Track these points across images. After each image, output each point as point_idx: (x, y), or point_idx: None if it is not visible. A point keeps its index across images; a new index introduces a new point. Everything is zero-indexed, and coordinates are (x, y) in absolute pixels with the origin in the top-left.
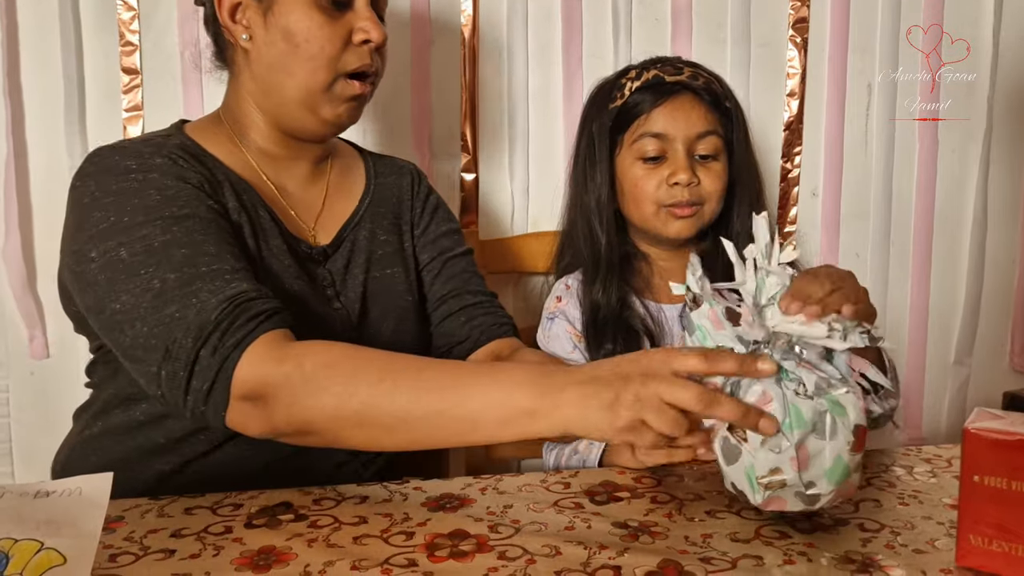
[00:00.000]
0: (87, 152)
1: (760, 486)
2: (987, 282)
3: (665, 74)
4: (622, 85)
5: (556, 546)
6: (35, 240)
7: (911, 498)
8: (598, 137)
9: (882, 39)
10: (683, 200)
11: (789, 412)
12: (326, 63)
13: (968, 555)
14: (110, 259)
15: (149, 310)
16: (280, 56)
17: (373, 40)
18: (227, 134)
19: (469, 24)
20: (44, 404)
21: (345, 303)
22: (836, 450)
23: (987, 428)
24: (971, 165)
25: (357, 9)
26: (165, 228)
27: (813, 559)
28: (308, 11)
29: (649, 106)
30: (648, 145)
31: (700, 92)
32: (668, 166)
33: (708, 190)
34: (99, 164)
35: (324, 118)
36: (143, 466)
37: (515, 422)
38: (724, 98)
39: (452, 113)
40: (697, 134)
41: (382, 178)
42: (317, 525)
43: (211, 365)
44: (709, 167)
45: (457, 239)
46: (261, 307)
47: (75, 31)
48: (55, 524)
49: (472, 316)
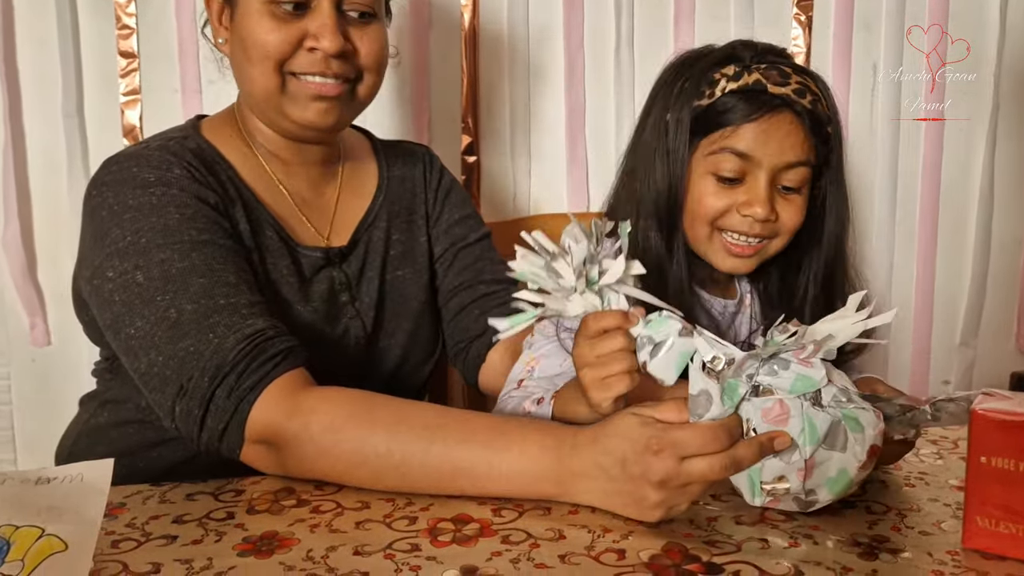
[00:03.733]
0: (85, 138)
1: (763, 491)
2: (993, 263)
3: (769, 81)
4: (714, 81)
5: (560, 530)
6: (35, 227)
7: (917, 480)
8: (675, 132)
9: (887, 16)
10: (751, 232)
11: (805, 425)
12: (273, 67)
13: (975, 536)
14: (127, 281)
15: (165, 340)
16: (240, 61)
17: (321, 48)
18: (239, 134)
19: (469, 6)
20: (46, 392)
21: (360, 308)
22: (844, 463)
23: (994, 409)
24: (977, 144)
25: (314, 13)
26: (184, 254)
27: (819, 542)
28: (260, 17)
29: (741, 118)
30: (728, 163)
31: (802, 114)
32: (745, 192)
33: (785, 226)
34: (116, 174)
35: (294, 119)
36: (152, 456)
37: (535, 498)
38: (827, 122)
39: (452, 95)
40: (787, 163)
41: (395, 171)
42: (319, 510)
43: (226, 407)
44: (791, 200)
45: (471, 224)
46: (278, 347)
47: (71, 15)
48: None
49: (486, 308)
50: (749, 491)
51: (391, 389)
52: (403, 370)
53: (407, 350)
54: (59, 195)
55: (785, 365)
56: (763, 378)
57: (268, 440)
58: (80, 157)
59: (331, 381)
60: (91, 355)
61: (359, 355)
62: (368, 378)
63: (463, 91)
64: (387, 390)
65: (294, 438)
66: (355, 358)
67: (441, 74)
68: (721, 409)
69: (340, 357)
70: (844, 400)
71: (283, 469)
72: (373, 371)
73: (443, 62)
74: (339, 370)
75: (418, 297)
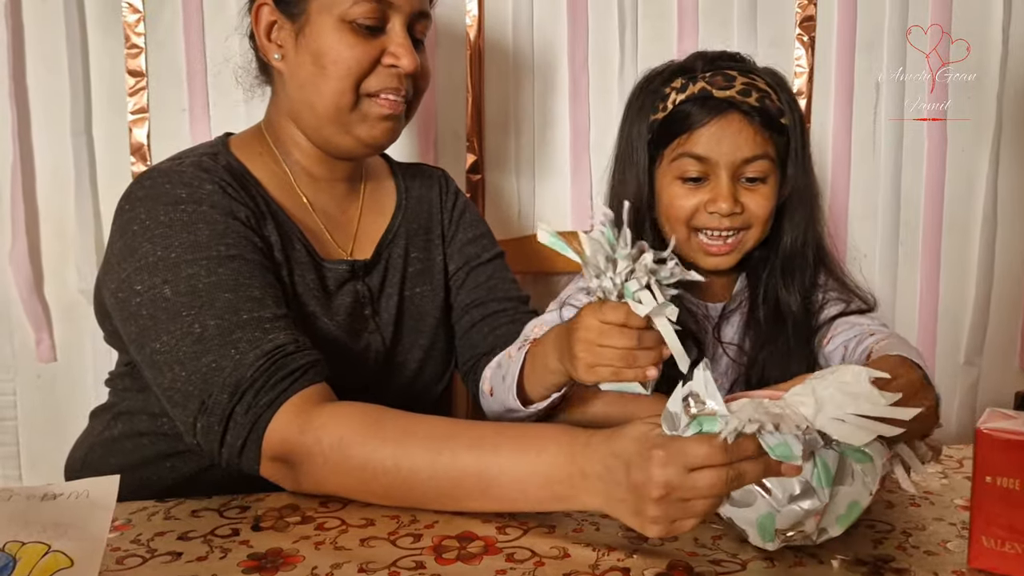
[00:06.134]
0: (93, 156)
1: (778, 538)
2: (997, 281)
3: (714, 87)
4: (666, 95)
5: (564, 548)
6: (42, 244)
7: (922, 499)
8: (637, 145)
9: (889, 38)
10: (722, 227)
11: (816, 466)
12: (352, 84)
13: (981, 557)
14: (154, 296)
15: (188, 356)
16: (309, 76)
17: (402, 67)
18: (269, 151)
19: (475, 25)
20: (51, 407)
21: (380, 324)
22: (855, 497)
23: (999, 428)
24: (981, 164)
25: (391, 33)
26: (211, 269)
27: (824, 561)
28: (339, 33)
29: (694, 123)
30: (689, 166)
31: (750, 112)
32: (709, 190)
33: (754, 215)
34: (150, 189)
35: (359, 137)
36: (165, 467)
37: (546, 503)
38: (779, 115)
39: (457, 114)
40: (743, 159)
41: (413, 191)
42: (324, 527)
43: (244, 423)
44: (756, 190)
45: (485, 244)
46: (297, 363)
47: (81, 34)
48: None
49: (496, 325)
50: (760, 536)
51: (407, 403)
52: (418, 385)
53: (423, 365)
54: (66, 212)
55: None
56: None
57: (283, 457)
58: (88, 175)
59: (351, 394)
60: (96, 371)
61: (378, 369)
62: (385, 392)
63: (468, 110)
64: (403, 405)
65: (307, 455)
66: (374, 372)
67: (446, 93)
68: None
69: (360, 370)
70: None
71: (299, 486)
72: (391, 385)
73: (448, 81)
74: (359, 383)
75: (434, 314)
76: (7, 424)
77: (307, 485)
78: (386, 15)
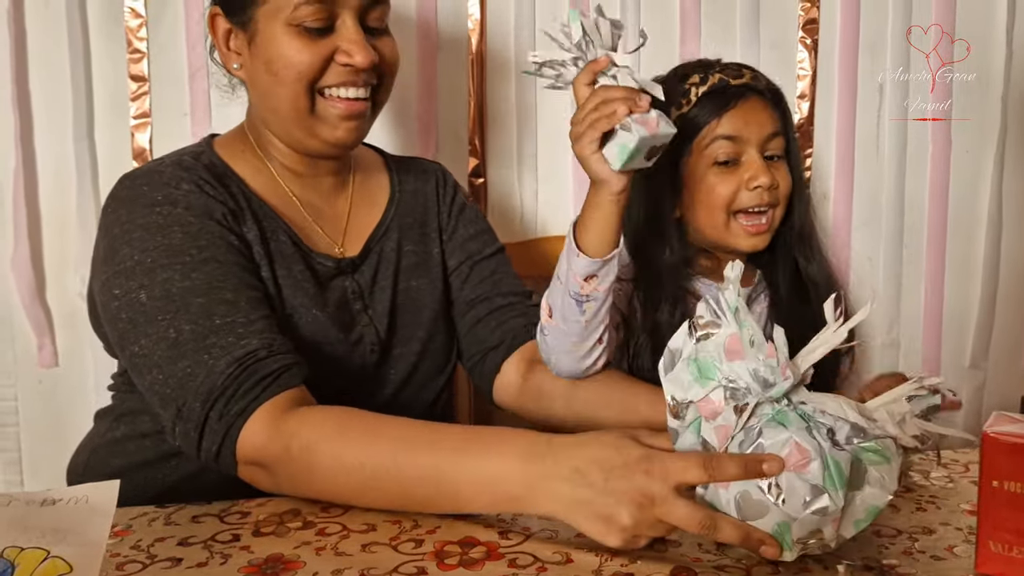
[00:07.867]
0: (95, 161)
1: (796, 547)
2: (1002, 284)
3: (730, 77)
4: (686, 90)
5: (567, 553)
6: (44, 249)
7: (928, 503)
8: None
9: (892, 40)
10: (763, 203)
11: (830, 466)
12: (305, 87)
13: (988, 562)
14: (131, 300)
15: (165, 360)
16: (266, 84)
17: (355, 63)
18: (252, 149)
19: (476, 29)
20: (53, 413)
21: (373, 317)
22: (873, 500)
23: (1006, 432)
24: (985, 166)
25: (340, 30)
26: (185, 274)
27: (830, 566)
28: (287, 38)
29: (719, 111)
30: (722, 148)
31: (765, 93)
32: (745, 169)
33: (782, 191)
34: (129, 190)
35: (324, 139)
36: (169, 467)
37: (501, 505)
38: (783, 98)
39: (459, 118)
40: (768, 135)
41: (407, 185)
42: (325, 533)
43: (218, 431)
44: (778, 166)
45: (486, 239)
46: (269, 368)
47: (83, 39)
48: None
49: (503, 320)
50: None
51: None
52: (417, 377)
53: (421, 357)
54: (69, 217)
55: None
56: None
57: (258, 463)
58: (90, 180)
59: (346, 389)
60: (98, 377)
61: (374, 362)
62: (384, 384)
63: (470, 113)
64: (402, 398)
65: (277, 460)
66: (370, 365)
67: (449, 97)
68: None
69: (356, 364)
70: (860, 434)
71: (276, 488)
72: (386, 379)
73: (450, 85)
74: (354, 377)
75: (432, 307)
76: (9, 430)
77: (284, 487)
78: (333, 13)
